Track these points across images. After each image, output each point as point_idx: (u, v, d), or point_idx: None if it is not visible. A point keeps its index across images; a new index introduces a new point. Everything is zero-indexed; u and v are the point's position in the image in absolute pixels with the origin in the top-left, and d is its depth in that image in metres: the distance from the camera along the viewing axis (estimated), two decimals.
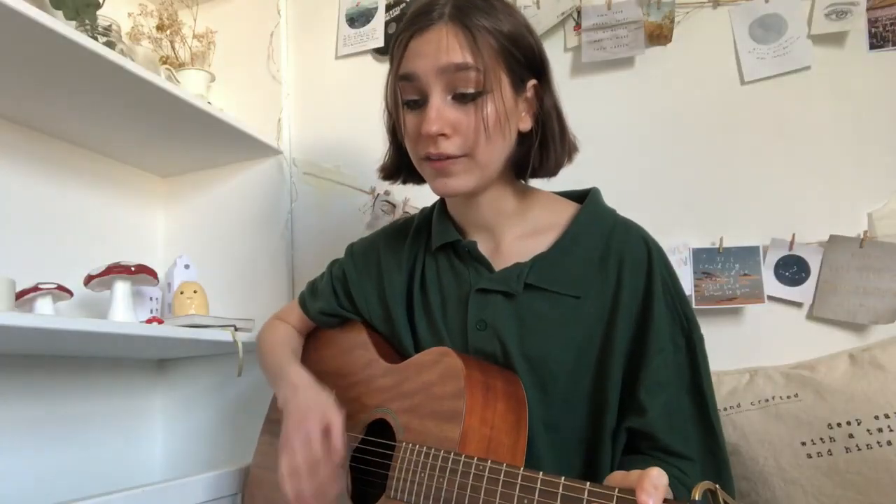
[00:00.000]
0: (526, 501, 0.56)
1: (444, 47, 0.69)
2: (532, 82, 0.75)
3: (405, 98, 0.74)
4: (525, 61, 0.74)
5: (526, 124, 0.76)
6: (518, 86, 0.74)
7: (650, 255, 0.75)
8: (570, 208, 0.82)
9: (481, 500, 0.60)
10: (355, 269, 0.93)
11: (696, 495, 0.46)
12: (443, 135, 0.70)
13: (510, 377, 0.74)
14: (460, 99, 0.70)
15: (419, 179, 0.84)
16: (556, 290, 0.75)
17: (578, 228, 0.78)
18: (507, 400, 0.70)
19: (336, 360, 0.93)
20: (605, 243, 0.77)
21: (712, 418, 0.72)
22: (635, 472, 0.50)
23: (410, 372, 0.77)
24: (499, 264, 0.80)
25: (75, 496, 0.82)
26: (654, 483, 0.47)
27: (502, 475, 0.59)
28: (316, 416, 0.74)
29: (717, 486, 0.47)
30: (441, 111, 0.70)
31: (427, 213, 0.91)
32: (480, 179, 0.74)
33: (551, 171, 0.79)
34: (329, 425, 0.74)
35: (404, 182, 0.87)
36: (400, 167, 0.85)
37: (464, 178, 0.73)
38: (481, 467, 0.61)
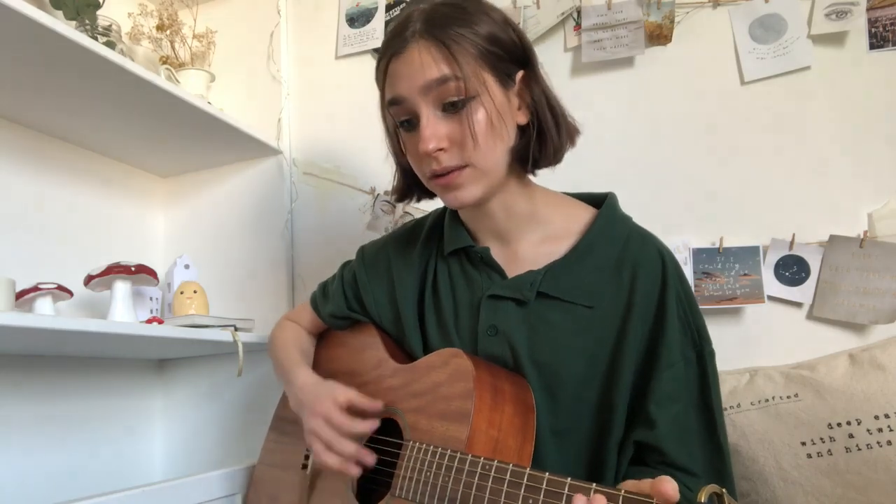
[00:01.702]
0: (531, 501, 0.56)
1: (420, 65, 0.69)
2: (520, 74, 0.74)
3: (399, 121, 0.74)
4: (508, 56, 0.73)
5: (523, 117, 0.75)
6: (506, 82, 0.73)
7: (665, 267, 0.75)
8: (586, 214, 0.81)
9: (486, 500, 0.60)
10: (366, 271, 0.93)
11: (703, 498, 0.46)
12: (441, 149, 0.70)
13: (519, 381, 0.74)
14: (450, 109, 0.70)
15: (431, 195, 0.83)
16: (568, 300, 0.75)
17: (594, 236, 0.77)
18: (515, 403, 0.70)
19: (347, 359, 0.93)
20: (619, 252, 0.76)
21: (719, 434, 0.72)
22: (647, 481, 0.51)
23: (420, 372, 0.77)
24: (512, 270, 0.79)
25: (75, 496, 0.82)
26: (664, 486, 0.49)
27: (508, 475, 0.59)
28: (328, 398, 0.78)
29: (725, 490, 0.47)
30: (434, 128, 0.70)
31: (439, 216, 0.91)
32: (488, 185, 0.74)
33: (551, 160, 0.77)
34: (349, 401, 0.78)
35: (419, 200, 0.87)
36: (411, 187, 0.85)
37: (471, 187, 0.73)
38: (487, 466, 0.61)
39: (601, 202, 0.81)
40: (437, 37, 0.69)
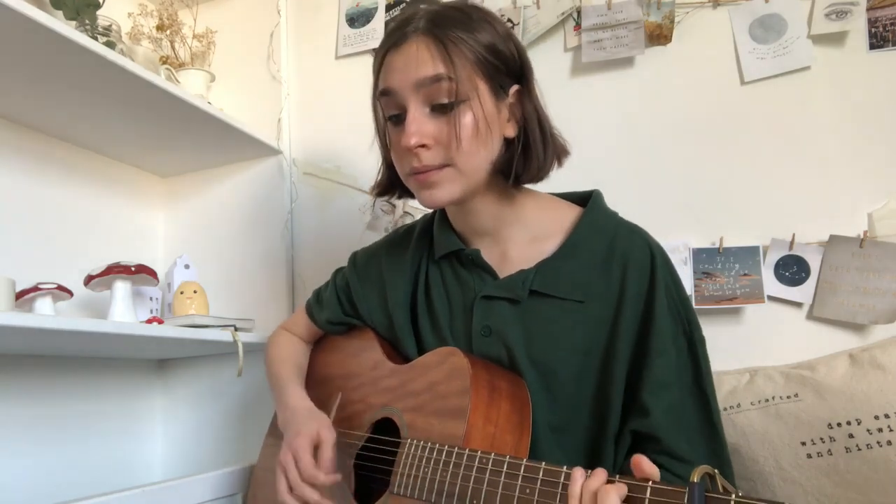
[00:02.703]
0: (528, 490, 0.57)
1: (416, 60, 0.70)
2: (514, 88, 0.75)
3: (387, 114, 0.74)
4: (505, 69, 0.73)
5: (511, 130, 0.76)
6: (499, 93, 0.73)
7: (653, 259, 0.76)
8: (573, 212, 0.81)
9: (484, 491, 0.61)
10: (358, 278, 0.94)
11: (695, 478, 0.47)
12: (423, 146, 0.71)
13: (515, 379, 0.74)
14: (438, 110, 0.71)
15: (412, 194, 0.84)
16: (560, 296, 0.75)
17: (581, 233, 0.78)
18: (511, 400, 0.71)
19: (344, 363, 0.93)
20: (608, 247, 0.77)
21: (714, 419, 0.73)
22: None
23: (416, 372, 0.78)
24: (503, 271, 0.80)
25: (75, 496, 0.82)
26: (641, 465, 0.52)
27: (505, 466, 0.60)
28: (306, 436, 0.77)
29: (716, 470, 0.48)
30: (419, 124, 0.70)
31: (428, 220, 0.91)
32: (465, 188, 0.74)
33: (535, 177, 0.77)
34: (319, 441, 0.77)
35: (399, 197, 0.87)
36: (394, 183, 0.85)
37: (448, 187, 0.73)
38: (484, 460, 0.62)
39: (587, 200, 0.82)
40: (437, 36, 0.70)
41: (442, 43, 0.69)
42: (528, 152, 0.75)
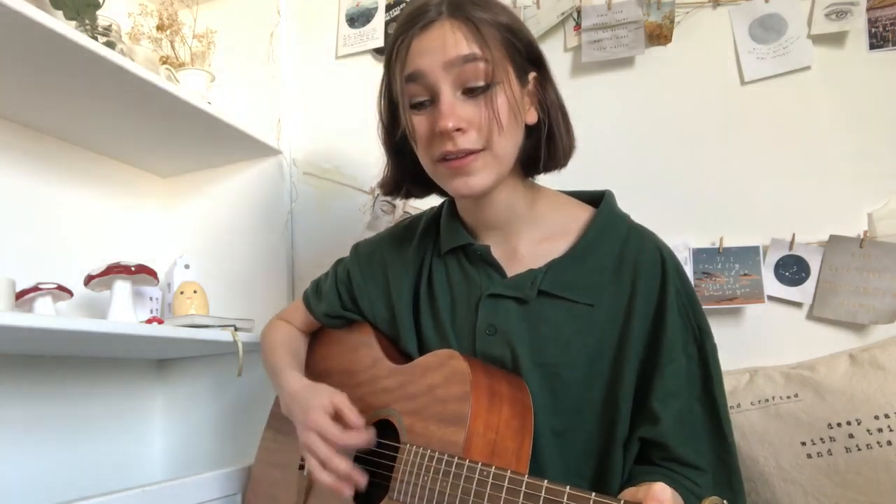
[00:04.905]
0: None
1: (452, 41, 0.68)
2: (533, 74, 0.75)
3: (412, 100, 0.72)
4: (526, 53, 0.73)
5: (532, 117, 0.75)
6: (522, 78, 0.73)
7: (664, 264, 0.75)
8: (584, 212, 0.81)
9: None
10: (360, 270, 0.92)
11: None
12: (459, 129, 0.68)
13: (516, 382, 0.73)
14: (470, 92, 0.69)
15: (421, 192, 0.83)
16: (570, 298, 0.75)
17: (593, 235, 0.77)
18: (512, 405, 0.70)
19: (341, 357, 0.92)
20: (619, 251, 0.76)
21: (724, 428, 0.72)
22: (643, 487, 0.50)
23: (416, 373, 0.77)
24: (512, 269, 0.79)
25: (75, 496, 0.82)
26: (657, 498, 0.48)
27: (506, 481, 0.58)
28: (318, 409, 0.76)
29: (726, 501, 0.47)
30: (454, 106, 0.69)
31: (435, 214, 0.90)
32: (499, 175, 0.73)
33: (560, 163, 0.78)
34: (336, 408, 0.76)
35: (406, 196, 0.86)
36: (401, 181, 0.84)
37: (483, 174, 0.71)
38: (485, 473, 0.60)
39: (598, 200, 0.81)
40: (468, 17, 0.69)
41: (474, 24, 0.68)
42: (553, 139, 0.76)
